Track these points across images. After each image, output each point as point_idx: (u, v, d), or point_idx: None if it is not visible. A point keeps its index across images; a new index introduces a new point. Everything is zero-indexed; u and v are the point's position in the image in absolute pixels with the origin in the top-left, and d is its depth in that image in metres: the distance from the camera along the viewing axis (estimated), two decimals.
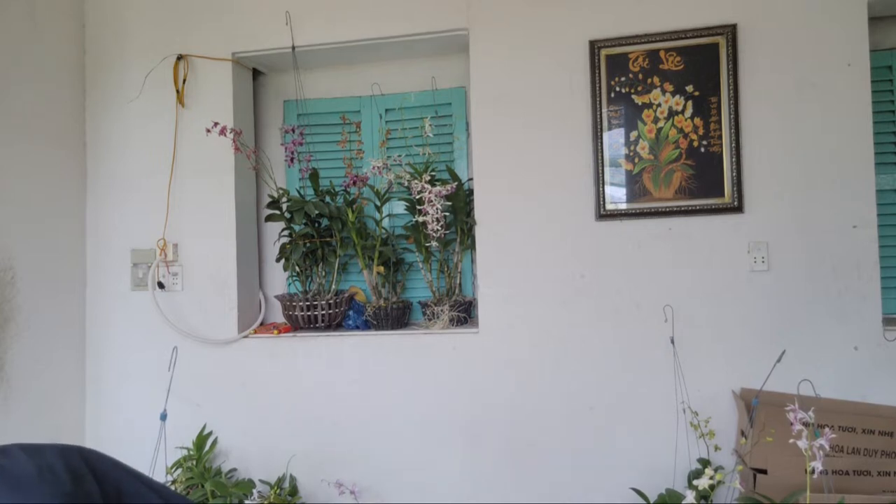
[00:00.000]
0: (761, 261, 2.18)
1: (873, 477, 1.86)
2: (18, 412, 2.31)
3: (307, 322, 2.53)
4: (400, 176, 2.50)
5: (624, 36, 2.27)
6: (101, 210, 2.65)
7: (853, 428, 1.91)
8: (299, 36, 2.52)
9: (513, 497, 2.34)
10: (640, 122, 2.27)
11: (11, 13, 2.34)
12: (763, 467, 1.90)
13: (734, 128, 2.19)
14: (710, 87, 2.22)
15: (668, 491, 2.10)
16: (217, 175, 2.55)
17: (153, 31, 2.63)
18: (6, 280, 2.29)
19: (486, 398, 2.36)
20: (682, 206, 2.23)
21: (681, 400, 2.22)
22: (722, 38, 2.21)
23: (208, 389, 2.54)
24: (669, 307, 2.24)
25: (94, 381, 2.64)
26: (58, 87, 2.56)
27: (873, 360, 2.12)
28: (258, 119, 2.83)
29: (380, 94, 2.72)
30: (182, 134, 2.58)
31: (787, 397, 2.01)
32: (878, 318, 2.12)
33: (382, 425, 2.43)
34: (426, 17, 2.43)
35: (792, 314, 2.17)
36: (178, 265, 2.58)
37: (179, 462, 2.36)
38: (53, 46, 2.54)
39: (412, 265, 2.66)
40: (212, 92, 2.57)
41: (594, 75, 2.29)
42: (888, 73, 2.35)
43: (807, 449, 1.27)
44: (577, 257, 2.30)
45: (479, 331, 2.36)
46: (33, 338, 2.39)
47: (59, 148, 2.55)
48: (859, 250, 2.12)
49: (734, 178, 2.18)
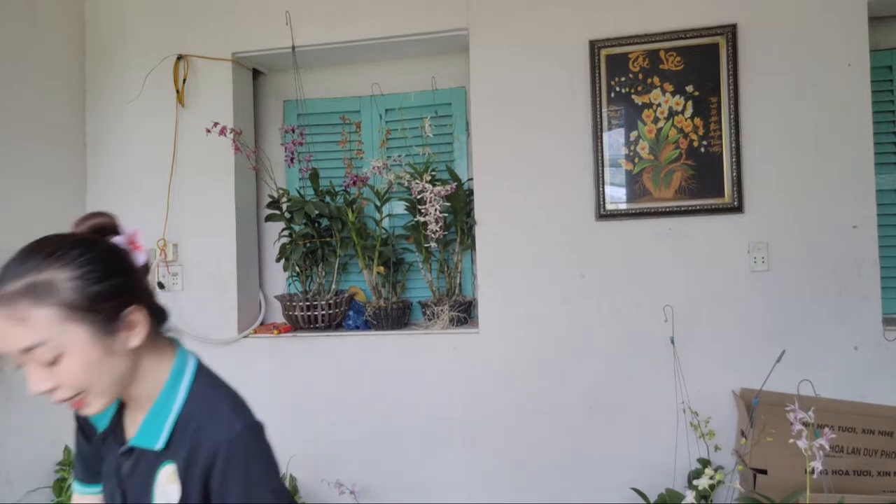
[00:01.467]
0: (761, 261, 2.18)
1: (873, 477, 1.86)
2: (18, 412, 2.31)
3: (307, 322, 2.53)
4: (400, 176, 2.50)
5: (624, 36, 2.27)
6: (100, 210, 2.65)
7: (853, 428, 1.91)
8: (299, 36, 2.52)
9: (512, 497, 2.34)
10: (640, 122, 2.27)
11: (11, 13, 2.34)
12: (763, 467, 1.90)
13: (734, 128, 2.19)
14: (710, 87, 2.22)
15: (668, 491, 2.10)
16: (217, 175, 2.55)
17: (153, 31, 2.63)
18: None
19: (486, 398, 2.36)
20: (682, 206, 2.23)
21: (681, 400, 2.22)
22: (722, 38, 2.21)
23: None
24: (669, 307, 2.24)
25: None
26: (58, 86, 2.56)
27: (873, 360, 2.12)
28: (258, 119, 2.83)
29: (380, 94, 2.72)
30: (182, 134, 2.58)
31: (787, 397, 2.01)
32: (878, 318, 2.12)
33: (383, 425, 2.43)
34: (426, 17, 2.43)
35: (792, 314, 2.17)
36: (178, 265, 2.58)
37: None
38: (53, 46, 2.54)
39: (412, 265, 2.66)
40: (212, 92, 2.57)
41: (594, 75, 2.29)
42: (888, 73, 2.35)
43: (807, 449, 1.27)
44: (577, 257, 2.30)
45: (479, 331, 2.36)
46: None
47: (59, 148, 2.55)
48: (859, 250, 2.12)
49: (734, 178, 2.18)
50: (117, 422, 0.97)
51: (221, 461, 0.84)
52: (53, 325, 0.79)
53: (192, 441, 0.87)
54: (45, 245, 0.82)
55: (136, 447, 0.90)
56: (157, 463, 0.89)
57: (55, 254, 0.81)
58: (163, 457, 0.88)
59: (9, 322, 0.77)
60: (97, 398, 0.85)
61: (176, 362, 0.94)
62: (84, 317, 0.81)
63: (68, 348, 0.80)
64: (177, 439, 0.88)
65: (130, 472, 0.91)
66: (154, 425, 0.89)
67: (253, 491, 0.85)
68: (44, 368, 0.80)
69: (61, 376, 0.81)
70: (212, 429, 0.86)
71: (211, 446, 0.85)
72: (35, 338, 0.78)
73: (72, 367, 0.80)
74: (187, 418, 0.88)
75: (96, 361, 0.82)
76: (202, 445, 0.86)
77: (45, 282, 0.79)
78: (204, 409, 0.89)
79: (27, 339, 0.78)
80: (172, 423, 0.88)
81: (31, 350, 0.78)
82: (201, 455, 0.85)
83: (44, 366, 0.80)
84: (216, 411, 0.89)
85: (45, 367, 0.80)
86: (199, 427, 0.87)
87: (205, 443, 0.86)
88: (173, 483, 0.87)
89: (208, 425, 0.87)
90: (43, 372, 0.80)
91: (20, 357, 0.79)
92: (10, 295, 0.78)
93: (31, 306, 0.78)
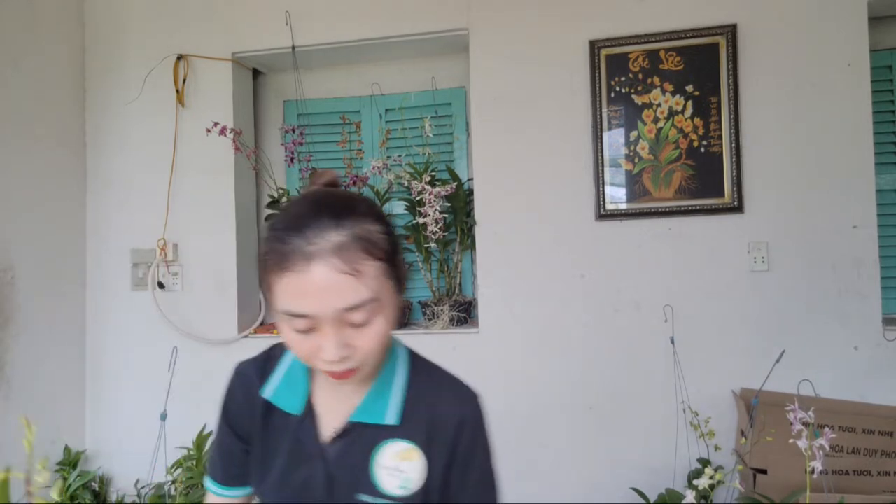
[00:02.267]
0: (761, 261, 2.18)
1: (873, 477, 1.86)
2: (18, 412, 2.31)
3: None
4: (400, 176, 2.50)
5: (624, 36, 2.27)
6: (101, 210, 2.65)
7: (853, 428, 1.91)
8: (299, 36, 2.52)
9: (512, 497, 2.34)
10: (640, 122, 2.27)
11: (11, 13, 2.34)
12: (763, 467, 1.90)
13: (734, 128, 2.19)
14: (710, 87, 2.22)
15: (668, 491, 2.10)
16: (217, 175, 2.55)
17: (153, 30, 2.63)
18: (6, 280, 2.29)
19: (486, 398, 2.35)
20: (682, 206, 2.23)
21: (681, 400, 2.22)
22: (722, 38, 2.21)
23: (208, 389, 2.53)
24: (669, 307, 2.24)
25: (94, 381, 2.64)
26: (58, 86, 2.56)
27: (873, 360, 2.12)
28: (258, 119, 2.82)
29: (380, 94, 2.72)
30: (182, 134, 2.58)
31: (787, 397, 2.01)
32: (878, 318, 2.12)
33: None
34: (426, 17, 2.43)
35: (792, 314, 2.16)
36: (178, 265, 2.58)
37: (179, 462, 2.36)
38: (53, 46, 2.54)
39: (412, 265, 2.66)
40: (212, 92, 2.57)
41: (594, 75, 2.29)
42: (888, 73, 2.35)
43: (807, 449, 1.27)
44: (577, 257, 2.30)
45: (479, 331, 2.36)
46: (33, 338, 2.39)
47: (59, 148, 2.55)
48: (859, 250, 2.12)
49: (734, 178, 2.18)
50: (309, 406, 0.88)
51: (469, 433, 0.85)
52: (380, 280, 0.74)
53: (429, 418, 0.84)
54: (348, 198, 0.77)
55: (357, 423, 0.84)
56: (380, 440, 0.84)
57: (363, 206, 0.76)
58: (392, 433, 0.84)
59: (343, 276, 0.70)
60: (364, 369, 0.78)
61: (393, 341, 0.89)
62: (391, 274, 0.76)
63: (381, 310, 0.75)
64: (410, 417, 0.84)
65: (343, 453, 0.84)
66: (380, 402, 0.85)
67: (489, 458, 0.88)
68: (346, 332, 0.74)
69: (362, 340, 0.74)
70: (452, 403, 0.86)
71: (456, 421, 0.84)
72: (368, 293, 0.72)
73: (379, 330, 0.75)
74: (417, 396, 0.86)
75: (389, 331, 0.77)
76: (444, 421, 0.84)
77: (370, 234, 0.73)
78: (433, 386, 0.88)
79: (361, 294, 0.71)
80: (402, 400, 0.85)
81: (359, 308, 0.72)
82: (445, 430, 0.84)
83: (349, 328, 0.74)
84: (448, 386, 0.88)
85: (349, 330, 0.74)
86: (433, 403, 0.85)
87: (447, 418, 0.84)
88: (414, 460, 0.83)
89: (447, 400, 0.86)
90: (344, 336, 0.73)
91: (337, 316, 0.72)
92: (345, 245, 0.71)
93: (364, 259, 0.72)
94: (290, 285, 0.72)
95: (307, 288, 0.71)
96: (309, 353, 0.76)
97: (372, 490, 0.83)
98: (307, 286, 0.71)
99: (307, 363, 0.78)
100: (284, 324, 0.76)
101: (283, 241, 0.72)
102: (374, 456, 0.83)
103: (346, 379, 0.78)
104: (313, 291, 0.71)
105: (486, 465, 0.88)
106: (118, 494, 2.54)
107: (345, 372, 0.76)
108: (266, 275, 0.76)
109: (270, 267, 0.74)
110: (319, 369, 0.78)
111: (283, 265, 0.72)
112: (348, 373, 0.77)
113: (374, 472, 0.83)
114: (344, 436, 0.85)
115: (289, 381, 0.89)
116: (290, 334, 0.75)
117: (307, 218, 0.73)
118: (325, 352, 0.73)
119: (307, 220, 0.72)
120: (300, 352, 0.76)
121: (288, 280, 0.72)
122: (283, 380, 0.89)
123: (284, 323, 0.75)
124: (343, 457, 0.84)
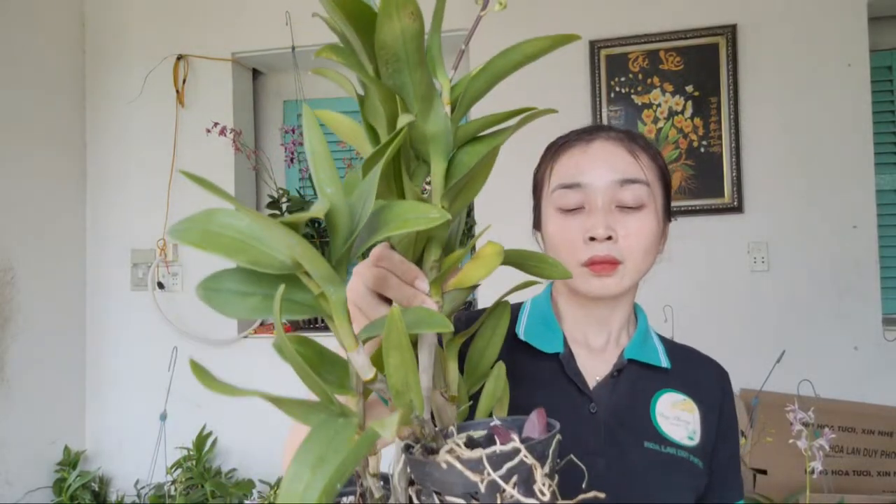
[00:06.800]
0: (761, 261, 2.18)
1: (873, 477, 1.86)
2: (18, 412, 2.31)
3: (307, 322, 2.53)
4: None
5: (624, 36, 2.27)
6: (101, 210, 2.65)
7: (853, 428, 1.91)
8: (299, 36, 2.52)
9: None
10: (640, 122, 2.27)
11: (11, 13, 2.34)
12: (763, 467, 1.90)
13: (734, 128, 2.19)
14: (710, 87, 2.22)
15: None
16: (217, 175, 2.55)
17: (153, 31, 2.63)
18: (6, 280, 2.29)
19: None
20: (682, 206, 2.23)
21: None
22: (722, 38, 2.21)
23: (208, 390, 2.54)
24: (669, 307, 2.24)
25: (94, 381, 2.64)
26: (58, 86, 2.56)
27: (873, 361, 2.11)
28: (258, 119, 2.82)
29: None
30: (182, 134, 2.58)
31: (787, 397, 2.00)
32: (878, 318, 2.12)
33: None
34: (425, 17, 2.43)
35: (792, 314, 2.16)
36: (178, 265, 2.58)
37: (179, 462, 2.36)
38: (53, 46, 2.54)
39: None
40: (212, 92, 2.57)
41: (594, 75, 2.29)
42: (888, 73, 2.35)
43: (807, 449, 1.27)
44: None
45: None
46: (33, 338, 2.39)
47: (59, 148, 2.55)
48: (859, 250, 2.12)
49: (734, 178, 2.18)
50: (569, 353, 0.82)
51: (730, 401, 0.85)
52: (653, 179, 0.78)
53: (695, 375, 0.84)
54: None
55: (631, 365, 0.80)
56: (658, 387, 0.80)
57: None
58: (666, 383, 0.81)
59: (626, 152, 0.77)
60: (626, 276, 0.76)
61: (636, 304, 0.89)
62: (662, 192, 0.81)
63: (651, 205, 0.77)
64: (676, 369, 0.82)
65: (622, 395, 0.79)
66: (648, 343, 0.84)
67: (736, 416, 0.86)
68: (614, 215, 0.75)
69: (627, 229, 0.75)
70: (707, 364, 0.87)
71: (721, 385, 0.85)
72: (641, 174, 0.77)
73: (644, 226, 0.76)
74: (673, 351, 0.85)
75: (655, 238, 0.78)
76: (710, 382, 0.84)
77: (650, 142, 0.82)
78: (679, 347, 0.88)
79: (636, 171, 0.76)
80: (664, 349, 0.84)
81: (631, 184, 0.75)
82: (712, 392, 0.83)
83: (618, 212, 0.75)
84: (696, 351, 0.89)
85: (617, 214, 0.75)
86: (694, 361, 0.86)
87: (712, 380, 0.85)
88: (693, 413, 0.79)
89: (705, 362, 0.87)
90: (612, 219, 0.75)
91: (610, 190, 0.75)
92: (627, 136, 0.80)
93: (643, 149, 0.79)
94: (569, 160, 0.79)
95: (585, 159, 0.77)
96: (573, 239, 0.75)
97: (660, 438, 0.76)
98: (585, 157, 0.78)
99: (568, 261, 0.74)
100: (552, 210, 0.79)
101: (564, 136, 0.83)
102: (655, 402, 0.79)
103: (608, 273, 0.74)
104: (589, 161, 0.77)
105: (736, 442, 0.85)
106: (118, 495, 2.54)
107: (609, 259, 0.74)
108: (542, 169, 0.84)
109: (548, 157, 0.83)
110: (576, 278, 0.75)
111: (563, 144, 0.81)
112: (611, 264, 0.74)
113: (656, 419, 0.78)
114: (617, 376, 0.80)
115: (539, 320, 0.84)
116: (557, 222, 0.78)
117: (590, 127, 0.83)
118: (594, 228, 0.73)
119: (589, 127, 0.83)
120: (563, 240, 0.76)
121: (567, 157, 0.79)
122: (530, 319, 0.84)
123: (552, 209, 0.79)
124: (620, 399, 0.78)
